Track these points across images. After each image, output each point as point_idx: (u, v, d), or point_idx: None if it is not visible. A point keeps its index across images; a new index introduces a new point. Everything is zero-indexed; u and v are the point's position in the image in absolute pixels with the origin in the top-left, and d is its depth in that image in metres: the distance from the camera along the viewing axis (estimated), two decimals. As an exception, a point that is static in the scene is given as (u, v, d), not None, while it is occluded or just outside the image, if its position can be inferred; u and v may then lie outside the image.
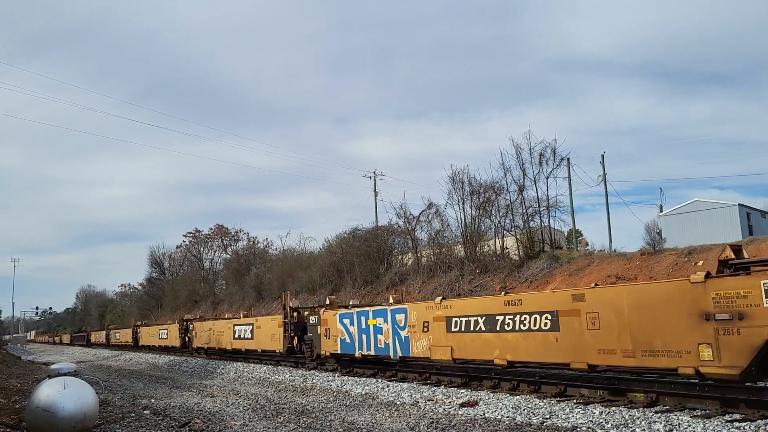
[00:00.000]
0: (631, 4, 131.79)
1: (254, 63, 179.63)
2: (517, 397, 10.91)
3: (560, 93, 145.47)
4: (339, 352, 17.22)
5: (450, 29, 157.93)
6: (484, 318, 12.10)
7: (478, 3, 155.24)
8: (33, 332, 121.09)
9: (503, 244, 32.01)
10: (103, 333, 59.83)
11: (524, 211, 31.13)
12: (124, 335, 49.63)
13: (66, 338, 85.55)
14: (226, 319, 29.82)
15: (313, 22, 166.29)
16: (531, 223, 31.03)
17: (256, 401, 12.49)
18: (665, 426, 7.83)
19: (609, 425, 8.19)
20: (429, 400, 11.30)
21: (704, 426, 7.69)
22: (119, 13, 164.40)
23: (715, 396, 8.96)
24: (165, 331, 37.26)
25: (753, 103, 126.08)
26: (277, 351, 21.45)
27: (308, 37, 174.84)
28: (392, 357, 14.83)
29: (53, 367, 8.68)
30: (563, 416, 8.94)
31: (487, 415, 9.58)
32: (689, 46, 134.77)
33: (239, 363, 23.18)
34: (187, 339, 32.41)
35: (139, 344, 43.02)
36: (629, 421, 8.27)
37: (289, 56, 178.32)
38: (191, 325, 31.86)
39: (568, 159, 32.44)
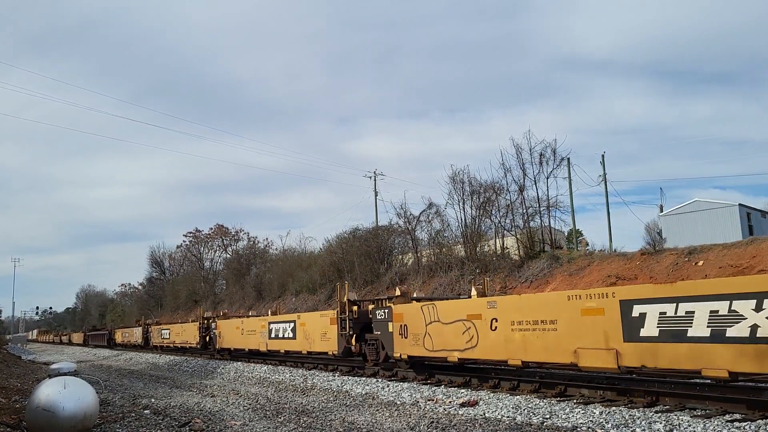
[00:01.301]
0: (633, 4, 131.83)
1: (255, 62, 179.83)
2: (517, 396, 10.91)
3: (562, 92, 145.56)
4: None
5: (452, 28, 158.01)
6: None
7: (479, 2, 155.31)
8: (35, 331, 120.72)
9: (503, 244, 32.03)
10: (137, 330, 43.71)
11: (524, 211, 31.16)
12: (180, 333, 33.85)
13: (77, 338, 71.37)
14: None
15: (315, 22, 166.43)
16: (531, 223, 31.08)
17: (257, 401, 12.49)
18: (665, 426, 7.83)
19: (609, 425, 8.19)
20: (429, 400, 11.30)
21: (704, 426, 7.69)
22: (120, 12, 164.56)
23: (715, 396, 8.97)
24: (286, 326, 21.09)
25: (754, 103, 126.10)
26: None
27: (309, 37, 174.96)
28: None
29: (53, 366, 8.69)
30: (563, 416, 8.94)
31: (487, 414, 9.58)
32: (690, 46, 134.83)
33: (239, 363, 23.16)
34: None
35: (217, 347, 27.62)
36: (629, 421, 8.27)
37: (291, 56, 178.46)
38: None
39: (569, 159, 32.49)
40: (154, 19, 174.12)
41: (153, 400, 13.45)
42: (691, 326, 8.44)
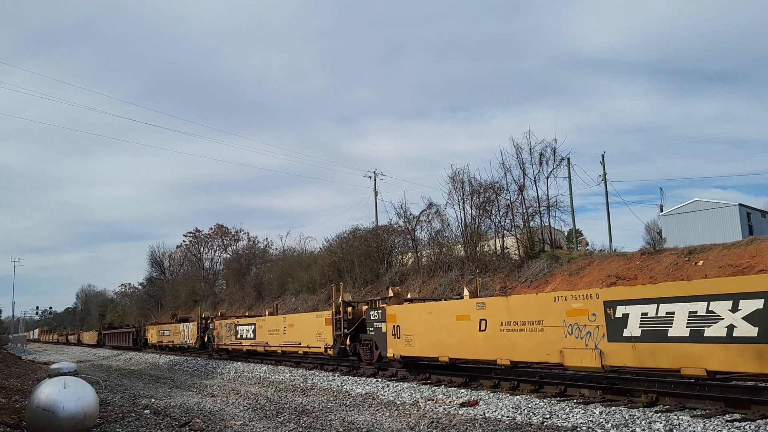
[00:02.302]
0: (635, 3, 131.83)
1: (257, 61, 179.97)
2: (517, 396, 10.91)
3: (565, 91, 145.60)
4: None
5: (454, 27, 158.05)
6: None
7: (482, 1, 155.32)
8: (36, 331, 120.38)
9: (503, 244, 32.02)
10: (187, 327, 30.20)
11: (524, 210, 31.13)
12: (279, 329, 21.42)
13: (88, 337, 59.53)
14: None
15: (319, 20, 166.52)
16: (531, 223, 31.05)
17: (257, 401, 12.49)
18: (665, 426, 7.83)
19: (609, 425, 8.19)
20: (429, 400, 11.30)
21: (704, 426, 7.69)
22: (122, 10, 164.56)
23: (715, 396, 8.97)
24: (723, 307, 8.12)
25: (756, 102, 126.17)
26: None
27: (313, 35, 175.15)
28: None
29: (53, 366, 8.68)
30: (563, 416, 8.94)
31: (487, 414, 9.58)
32: (693, 45, 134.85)
33: (239, 363, 23.16)
34: None
35: (388, 354, 15.40)
36: (629, 421, 8.27)
37: (293, 54, 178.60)
38: None
39: (569, 159, 32.49)
40: (155, 18, 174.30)
41: (153, 400, 13.45)
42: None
